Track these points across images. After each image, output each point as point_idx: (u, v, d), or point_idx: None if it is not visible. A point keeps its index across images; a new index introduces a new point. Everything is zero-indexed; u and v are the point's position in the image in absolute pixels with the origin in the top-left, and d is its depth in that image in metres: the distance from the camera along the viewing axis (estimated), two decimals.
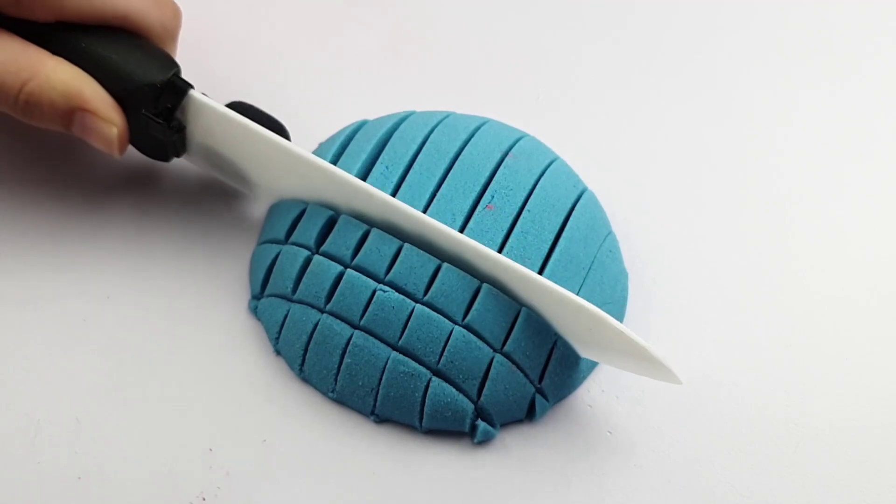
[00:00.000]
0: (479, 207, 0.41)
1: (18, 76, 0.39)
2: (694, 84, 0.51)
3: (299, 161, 0.41)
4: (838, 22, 0.54)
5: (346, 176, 0.40)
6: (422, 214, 0.39)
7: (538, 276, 0.38)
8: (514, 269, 0.38)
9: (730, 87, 0.51)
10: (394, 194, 0.41)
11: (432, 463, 0.38)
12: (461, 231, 0.40)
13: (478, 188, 0.41)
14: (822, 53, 0.53)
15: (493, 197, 0.41)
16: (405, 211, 0.39)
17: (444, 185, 0.41)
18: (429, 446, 0.39)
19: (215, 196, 0.45)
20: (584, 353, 0.39)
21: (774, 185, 0.47)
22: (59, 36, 0.41)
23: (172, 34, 0.44)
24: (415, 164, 0.42)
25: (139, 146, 0.43)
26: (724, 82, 0.52)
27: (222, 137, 0.42)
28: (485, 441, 0.39)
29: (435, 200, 0.41)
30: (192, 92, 0.41)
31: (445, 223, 0.40)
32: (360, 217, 0.40)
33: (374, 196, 0.40)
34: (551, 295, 0.38)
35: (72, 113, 0.40)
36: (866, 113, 0.50)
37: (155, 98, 0.40)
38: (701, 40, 0.54)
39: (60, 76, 0.40)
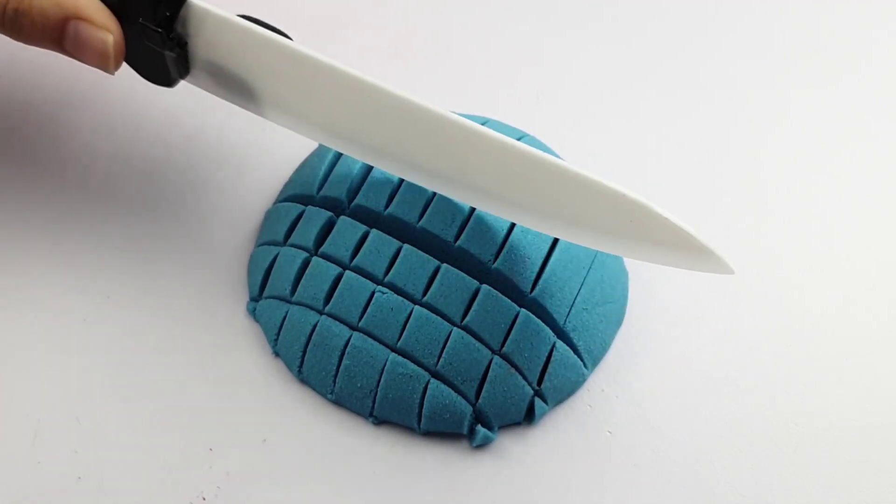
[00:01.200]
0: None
1: None
2: (694, 82, 0.51)
3: (312, 65, 0.37)
4: (838, 21, 0.54)
5: (365, 78, 0.37)
6: (433, 107, 0.36)
7: (576, 168, 0.35)
8: (552, 164, 0.35)
9: (730, 85, 0.51)
10: (395, 193, 0.41)
11: (431, 464, 0.38)
12: (462, 231, 0.40)
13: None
14: (823, 52, 0.53)
15: None
16: (415, 102, 0.36)
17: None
18: (427, 448, 0.39)
19: (215, 198, 0.45)
20: (622, 251, 0.35)
21: (775, 182, 0.47)
22: None
23: None
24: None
25: (140, 68, 0.40)
26: (724, 81, 0.51)
27: (228, 49, 0.38)
28: (483, 445, 0.39)
29: (436, 199, 0.41)
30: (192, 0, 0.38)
31: (446, 222, 0.40)
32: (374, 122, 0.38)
33: (392, 95, 0.36)
34: (589, 188, 0.34)
35: (64, 23, 0.37)
36: (867, 112, 0.50)
37: (153, 5, 0.37)
38: (700, 40, 0.53)
39: None
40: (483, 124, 0.43)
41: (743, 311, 0.43)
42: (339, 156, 0.43)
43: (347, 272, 0.39)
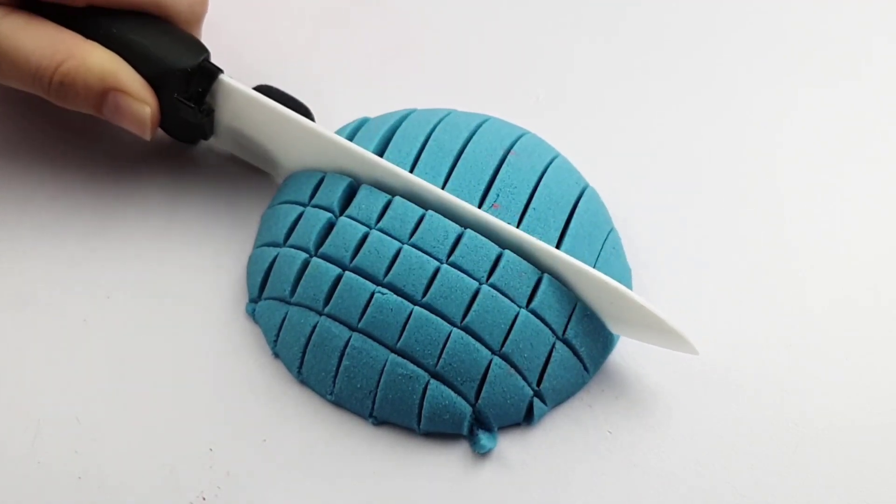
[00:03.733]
0: (486, 206, 0.40)
1: (54, 58, 0.40)
2: (694, 81, 0.51)
3: (324, 141, 0.41)
4: (839, 20, 0.54)
5: (368, 155, 0.41)
6: (442, 191, 0.40)
7: (558, 252, 0.39)
8: (535, 244, 0.39)
9: (729, 83, 0.51)
10: (388, 205, 0.41)
11: (430, 465, 0.38)
12: (455, 247, 0.40)
13: (482, 186, 0.41)
14: (823, 51, 0.53)
15: (498, 195, 0.41)
16: (431, 190, 0.40)
17: (449, 183, 0.41)
18: (427, 448, 0.39)
19: (214, 199, 0.45)
20: (611, 327, 0.40)
21: (775, 182, 0.47)
22: (90, 21, 0.41)
23: (199, 19, 0.44)
24: (419, 162, 0.42)
25: (168, 129, 0.44)
26: (724, 79, 0.51)
27: (249, 119, 0.43)
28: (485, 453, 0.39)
29: (429, 214, 0.41)
30: (221, 76, 0.42)
31: (438, 239, 0.40)
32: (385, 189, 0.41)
33: (400, 175, 0.40)
34: (570, 268, 0.39)
35: (105, 94, 0.41)
36: (867, 111, 0.50)
37: (186, 82, 0.41)
38: (700, 38, 0.53)
39: (96, 58, 0.41)
40: (484, 122, 0.44)
41: (743, 311, 0.43)
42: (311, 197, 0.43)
43: (347, 273, 0.39)
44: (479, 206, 0.41)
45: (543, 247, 0.39)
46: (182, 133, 0.44)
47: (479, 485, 0.38)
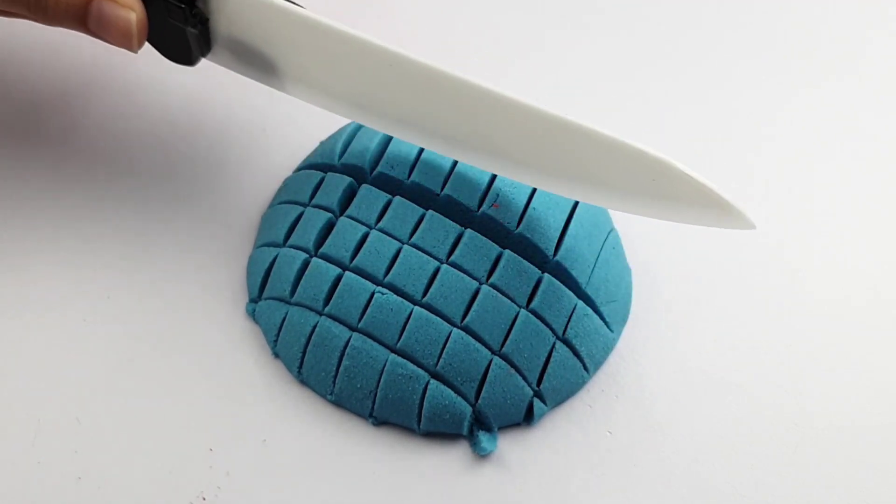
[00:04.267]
0: (485, 206, 0.40)
1: None
2: (694, 80, 0.51)
3: (334, 35, 0.38)
4: (837, 18, 0.54)
5: (380, 43, 0.37)
6: (455, 74, 0.37)
7: (597, 128, 0.35)
8: (572, 124, 0.35)
9: (730, 83, 0.51)
10: (388, 206, 0.41)
11: (430, 465, 0.38)
12: (457, 245, 0.40)
13: (482, 186, 0.41)
14: (823, 51, 0.53)
15: (497, 195, 0.41)
16: (434, 68, 0.37)
17: (449, 182, 0.41)
18: (427, 448, 0.39)
19: (214, 199, 0.45)
20: (645, 210, 0.36)
21: (775, 182, 0.47)
22: None
23: None
24: (420, 160, 0.42)
25: (161, 46, 0.40)
26: (724, 79, 0.51)
27: (249, 23, 0.39)
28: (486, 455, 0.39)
29: (442, 194, 0.41)
30: None
31: (439, 239, 0.40)
32: (398, 92, 0.38)
33: (407, 60, 0.37)
34: (610, 147, 0.35)
35: (88, 2, 0.38)
36: (868, 112, 0.50)
37: None
38: (701, 38, 0.53)
39: None
40: None
41: (743, 312, 0.43)
42: (343, 152, 0.43)
43: (347, 273, 0.39)
44: (479, 206, 0.41)
45: (583, 129, 0.35)
46: (176, 49, 0.40)
47: (479, 484, 0.38)
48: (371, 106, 0.39)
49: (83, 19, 0.39)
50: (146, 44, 0.40)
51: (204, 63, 0.40)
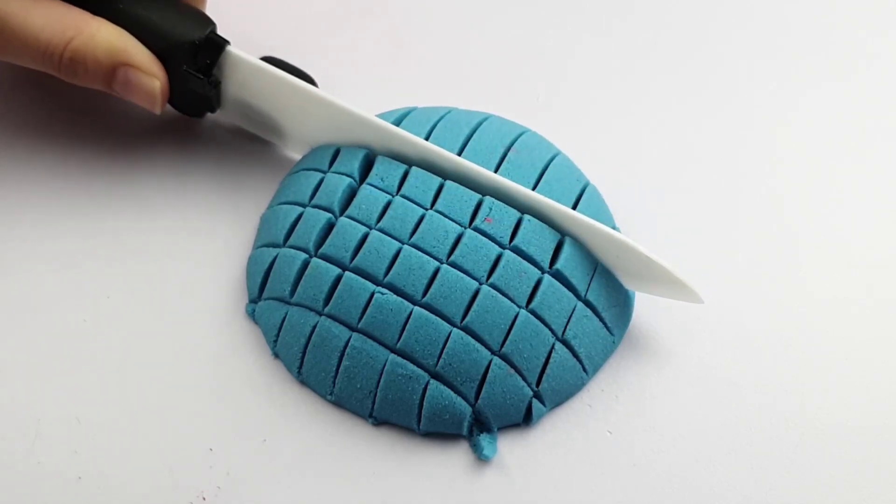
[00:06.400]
0: (486, 204, 0.40)
1: (64, 35, 0.41)
2: (694, 78, 0.51)
3: (331, 108, 0.42)
4: (839, 18, 0.54)
5: (378, 121, 0.42)
6: (455, 156, 0.41)
7: (568, 210, 0.40)
8: (549, 205, 0.40)
9: (730, 81, 0.51)
10: (401, 188, 0.41)
11: (430, 465, 0.38)
12: (456, 246, 0.40)
13: (473, 202, 0.41)
14: (824, 50, 0.53)
15: (490, 209, 0.40)
16: (439, 153, 0.41)
17: (449, 182, 0.41)
18: (426, 449, 0.39)
19: (213, 199, 0.45)
20: (624, 282, 0.41)
21: (775, 182, 0.47)
22: None
23: None
24: (407, 178, 0.42)
25: (175, 103, 0.45)
26: (724, 77, 0.51)
27: (257, 90, 0.43)
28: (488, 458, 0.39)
29: (442, 195, 0.41)
30: (228, 47, 0.43)
31: (455, 217, 0.40)
32: (396, 157, 0.42)
33: (408, 140, 0.41)
34: (579, 225, 0.40)
35: (115, 69, 0.41)
36: (868, 111, 0.50)
37: (194, 54, 0.42)
38: (700, 36, 0.53)
39: (104, 34, 0.41)
40: (485, 120, 0.44)
41: (743, 312, 0.42)
42: (331, 163, 0.43)
43: (347, 273, 0.39)
44: (479, 206, 0.41)
45: (560, 209, 0.40)
46: (189, 106, 0.45)
47: (478, 485, 0.38)
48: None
49: (109, 83, 0.42)
50: None
51: None
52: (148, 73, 0.42)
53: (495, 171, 0.42)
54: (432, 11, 0.54)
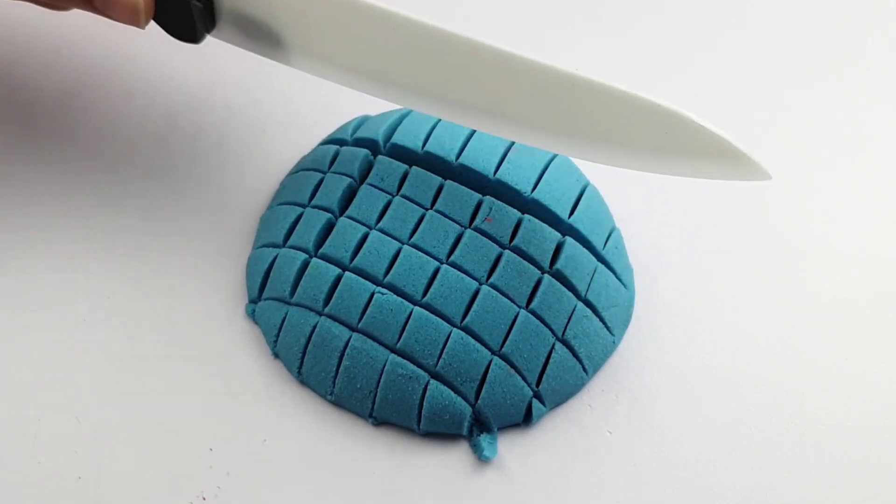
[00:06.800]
0: (486, 204, 0.40)
1: None
2: (694, 79, 0.51)
3: (339, 2, 0.38)
4: (840, 17, 0.54)
5: (382, 6, 0.37)
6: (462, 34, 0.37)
7: (610, 83, 0.35)
8: (583, 80, 0.35)
9: (730, 82, 0.51)
10: (401, 188, 0.41)
11: (430, 465, 0.38)
12: (455, 248, 0.40)
13: (473, 201, 0.41)
14: (824, 49, 0.53)
15: (490, 209, 0.41)
16: (439, 28, 0.37)
17: (449, 182, 0.41)
18: (426, 449, 0.39)
19: (213, 200, 0.45)
20: (659, 166, 0.35)
21: (775, 182, 0.47)
22: None
23: None
24: (408, 177, 0.42)
25: (166, 24, 0.40)
26: (725, 78, 0.51)
27: None
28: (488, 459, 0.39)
29: (442, 194, 0.41)
30: None
31: (455, 217, 0.40)
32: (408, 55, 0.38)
33: (414, 22, 0.37)
34: (622, 99, 0.35)
35: None
36: (868, 110, 0.50)
37: None
38: (700, 36, 0.53)
39: None
40: None
41: (743, 312, 0.43)
42: (331, 163, 0.43)
43: (347, 273, 0.39)
44: (479, 206, 0.41)
45: (596, 86, 0.35)
46: (182, 27, 0.40)
47: (478, 484, 0.38)
48: (377, 73, 0.39)
49: (89, 0, 0.38)
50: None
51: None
52: None
53: (495, 172, 0.41)
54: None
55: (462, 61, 0.37)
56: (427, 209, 0.40)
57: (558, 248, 0.40)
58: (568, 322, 0.39)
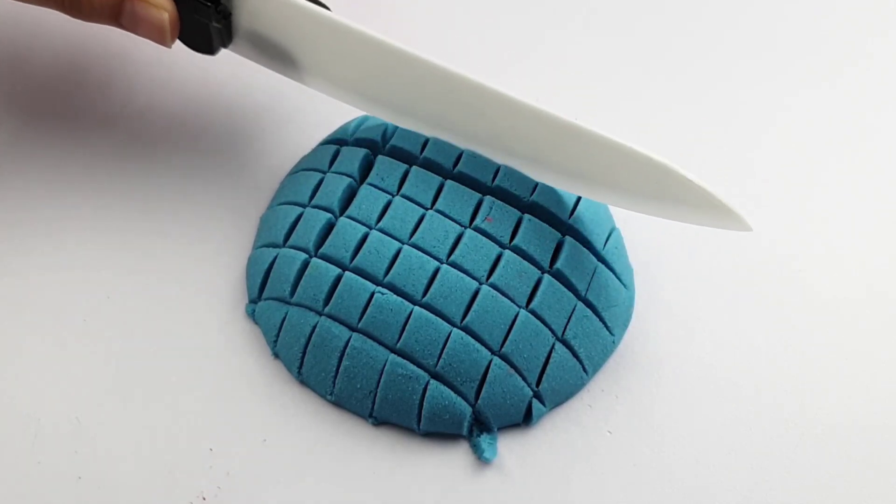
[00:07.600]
0: (486, 204, 0.40)
1: None
2: (694, 80, 0.51)
3: (348, 33, 0.40)
4: (840, 17, 0.54)
5: (397, 45, 0.40)
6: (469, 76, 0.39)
7: (607, 134, 0.38)
8: (582, 130, 0.38)
9: (730, 83, 0.51)
10: (401, 188, 0.41)
11: (430, 465, 0.38)
12: (455, 247, 0.40)
13: (473, 201, 0.41)
14: (824, 50, 0.53)
15: (491, 208, 0.41)
16: (449, 70, 0.39)
17: (449, 181, 0.41)
18: (426, 449, 0.39)
19: (213, 200, 0.45)
20: (645, 209, 0.39)
21: (775, 182, 0.47)
22: None
23: None
24: (408, 177, 0.42)
25: (186, 39, 0.43)
26: (724, 78, 0.51)
27: (269, 19, 0.41)
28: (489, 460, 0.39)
29: (442, 194, 0.41)
30: None
31: (455, 217, 0.40)
32: (410, 91, 0.40)
33: (423, 62, 0.39)
34: (618, 149, 0.38)
35: (122, 1, 0.40)
36: (868, 112, 0.50)
37: None
38: (701, 38, 0.53)
39: None
40: None
41: (744, 312, 0.43)
42: (331, 163, 0.43)
43: (347, 273, 0.39)
44: (479, 205, 0.41)
45: (593, 136, 0.38)
46: (200, 41, 0.42)
47: (478, 484, 0.38)
48: (383, 99, 0.42)
49: (117, 16, 0.41)
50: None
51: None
52: (156, 4, 0.40)
53: (496, 171, 0.41)
54: (432, 12, 0.54)
55: (464, 101, 0.40)
56: (427, 209, 0.40)
57: (558, 248, 0.40)
58: (568, 322, 0.39)
